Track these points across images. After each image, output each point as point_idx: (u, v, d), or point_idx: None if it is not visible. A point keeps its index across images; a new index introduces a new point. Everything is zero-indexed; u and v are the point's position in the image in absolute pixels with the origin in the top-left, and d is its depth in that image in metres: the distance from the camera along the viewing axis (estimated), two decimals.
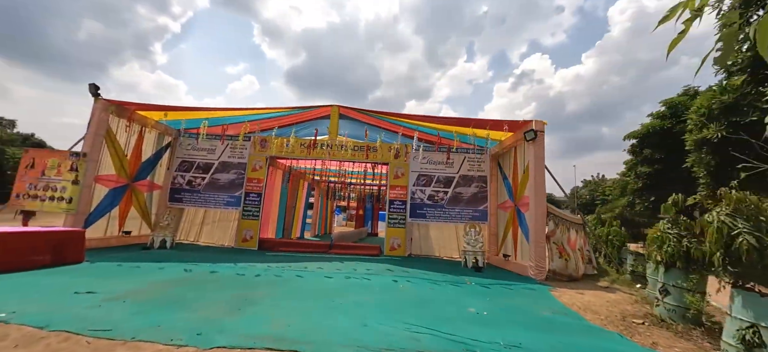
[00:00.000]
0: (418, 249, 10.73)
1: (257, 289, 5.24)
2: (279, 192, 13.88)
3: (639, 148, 11.91)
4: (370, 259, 9.31)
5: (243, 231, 10.61)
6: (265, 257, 8.86)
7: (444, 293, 5.62)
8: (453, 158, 10.79)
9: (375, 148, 10.89)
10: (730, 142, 6.24)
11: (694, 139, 5.70)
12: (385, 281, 6.21)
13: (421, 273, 7.38)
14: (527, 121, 8.21)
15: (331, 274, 6.72)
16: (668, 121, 11.05)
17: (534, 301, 5.39)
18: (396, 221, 10.54)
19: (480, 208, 10.59)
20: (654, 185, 11.30)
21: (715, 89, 6.85)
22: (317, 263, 8.13)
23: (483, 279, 7.07)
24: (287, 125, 11.32)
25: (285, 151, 11.07)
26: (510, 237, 9.36)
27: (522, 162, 8.82)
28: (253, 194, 10.88)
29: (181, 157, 11.17)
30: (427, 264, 8.89)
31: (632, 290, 6.70)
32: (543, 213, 7.56)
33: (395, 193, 10.70)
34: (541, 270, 7.31)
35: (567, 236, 7.90)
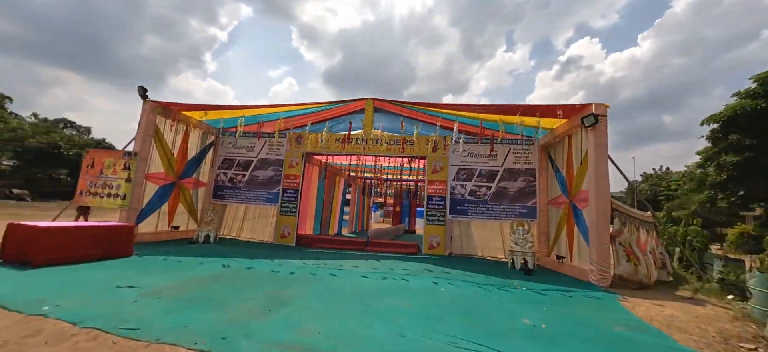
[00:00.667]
0: (458, 248, 10.07)
1: (290, 287, 5.02)
2: (316, 188, 13.90)
3: (722, 134, 10.14)
4: (408, 258, 8.85)
5: (281, 227, 10.67)
6: (302, 253, 8.77)
7: (491, 298, 5.00)
8: (497, 150, 9.95)
9: (412, 141, 10.38)
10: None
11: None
12: (424, 283, 5.73)
13: (464, 275, 6.78)
14: (585, 104, 7.22)
15: (366, 273, 6.37)
16: (762, 101, 9.24)
17: (601, 312, 4.59)
18: (435, 218, 9.96)
19: (528, 204, 9.65)
20: (742, 176, 9.55)
21: None
22: (353, 260, 7.84)
23: (535, 283, 6.30)
24: (322, 121, 11.19)
25: (320, 146, 10.95)
26: (564, 237, 8.38)
27: (578, 152, 7.81)
28: (290, 190, 10.91)
29: (223, 155, 11.50)
30: (469, 265, 8.24)
31: (725, 303, 5.56)
32: (606, 209, 6.58)
33: (434, 188, 10.11)
34: (606, 276, 6.36)
35: (636, 236, 6.82)
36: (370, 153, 10.85)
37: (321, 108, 10.76)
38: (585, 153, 7.35)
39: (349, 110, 10.91)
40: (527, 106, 7.93)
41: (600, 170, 6.73)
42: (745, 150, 9.31)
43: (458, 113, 8.88)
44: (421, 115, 9.52)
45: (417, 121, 9.36)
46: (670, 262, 7.60)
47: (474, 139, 10.11)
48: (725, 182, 9.94)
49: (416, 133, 9.32)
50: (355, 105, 10.79)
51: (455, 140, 9.54)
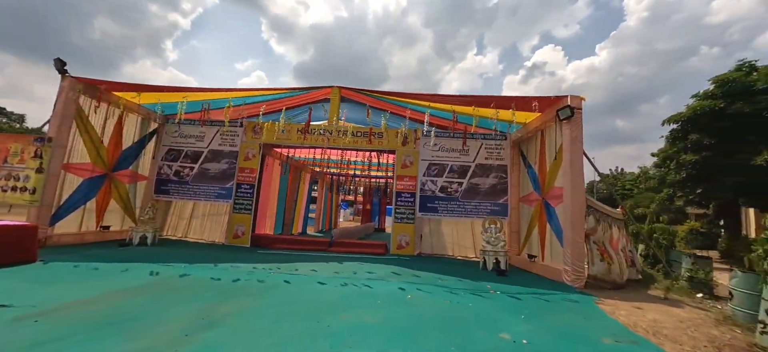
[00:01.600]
0: (428, 247, 9.54)
1: (229, 300, 4.14)
2: (277, 184, 12.83)
3: (682, 134, 10.42)
4: (375, 259, 8.16)
5: (234, 226, 9.57)
6: (256, 255, 7.79)
7: (465, 307, 4.42)
8: (469, 145, 9.52)
9: (380, 133, 9.69)
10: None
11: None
12: (390, 290, 5.05)
13: (434, 278, 6.19)
14: (560, 96, 6.90)
15: (325, 279, 5.58)
16: (720, 101, 9.53)
17: (584, 319, 4.16)
18: (404, 215, 9.35)
19: (499, 201, 9.32)
20: (701, 175, 9.84)
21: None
22: (313, 263, 7.01)
23: (509, 286, 5.85)
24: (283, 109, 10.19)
25: (280, 137, 9.96)
26: (535, 235, 8.09)
27: (551, 147, 7.51)
28: (245, 185, 9.82)
29: (168, 145, 10.16)
30: (439, 265, 7.70)
31: (699, 303, 5.40)
32: (582, 206, 6.27)
33: (403, 184, 9.50)
34: (580, 276, 6.04)
35: (609, 234, 6.60)
36: (335, 146, 10.02)
37: (282, 95, 9.75)
38: (559, 148, 7.04)
39: (314, 98, 10.00)
40: (501, 98, 7.50)
41: (575, 165, 6.42)
42: (703, 149, 9.56)
43: (430, 104, 8.31)
44: (390, 106, 8.84)
45: (385, 111, 8.65)
46: (638, 260, 7.51)
47: (446, 133, 9.62)
48: (684, 180, 10.22)
49: (384, 125, 8.60)
50: (320, 93, 9.89)
51: (426, 133, 8.96)
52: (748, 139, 8.87)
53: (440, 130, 9.58)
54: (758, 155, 8.46)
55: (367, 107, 8.51)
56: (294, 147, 10.75)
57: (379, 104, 9.04)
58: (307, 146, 10.29)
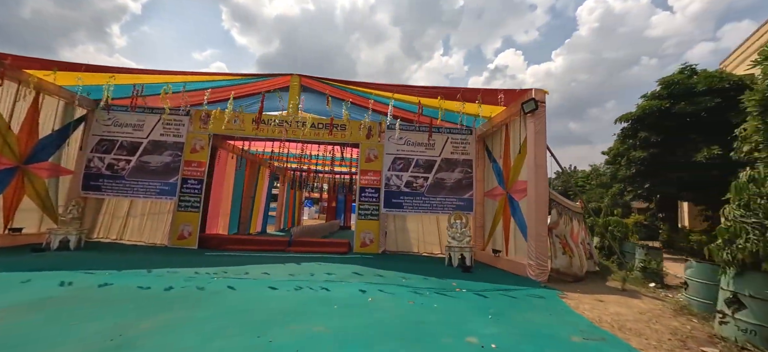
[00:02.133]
0: (393, 245, 9.21)
1: (155, 314, 3.47)
2: (232, 180, 11.86)
3: (632, 132, 11.01)
4: (336, 258, 7.67)
5: (179, 226, 8.59)
6: (202, 258, 6.98)
7: (430, 309, 4.10)
8: (435, 139, 9.30)
9: (343, 125, 9.18)
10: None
11: (758, 99, 4.39)
12: (350, 293, 4.60)
13: (398, 277, 5.84)
14: (525, 89, 6.83)
15: (278, 283, 5.01)
16: (666, 101, 10.15)
17: (550, 316, 3.99)
18: (368, 212, 8.93)
19: (465, 196, 9.21)
20: (648, 171, 10.44)
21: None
22: (267, 265, 6.38)
23: (474, 283, 5.64)
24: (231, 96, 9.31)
25: (232, 128, 9.10)
26: (500, 230, 8.04)
27: (516, 141, 7.46)
28: (192, 180, 8.86)
29: (100, 135, 8.91)
30: (404, 263, 7.38)
31: (653, 293, 5.53)
32: (545, 200, 6.23)
33: (367, 179, 9.07)
34: (544, 270, 6.00)
35: (570, 227, 6.65)
36: (294, 138, 9.34)
37: (235, 81, 8.89)
38: (523, 141, 6.99)
39: (271, 87, 9.24)
40: (468, 90, 7.31)
41: (539, 158, 6.36)
42: (651, 146, 10.13)
43: (394, 95, 7.93)
44: (352, 96, 8.35)
45: (346, 101, 8.13)
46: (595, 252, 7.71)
47: (412, 127, 9.32)
48: (634, 175, 10.80)
49: (346, 116, 8.09)
50: (277, 81, 9.16)
51: (389, 125, 8.59)
52: (689, 137, 9.52)
53: (406, 124, 9.27)
54: (699, 152, 9.09)
55: (327, 96, 7.95)
56: (249, 139, 9.93)
57: (340, 94, 8.52)
58: (263, 138, 9.52)
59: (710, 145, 8.91)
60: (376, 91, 7.76)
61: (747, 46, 10.94)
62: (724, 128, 9.34)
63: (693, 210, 14.66)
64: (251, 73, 8.90)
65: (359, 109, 8.58)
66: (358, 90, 8.16)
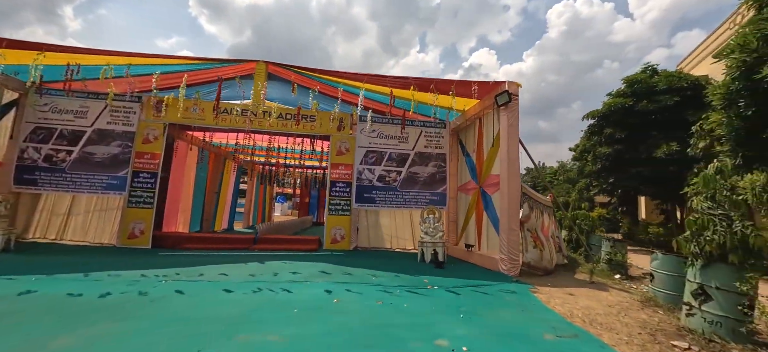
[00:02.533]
0: (366, 241, 8.92)
1: (81, 326, 2.97)
2: (193, 174, 11.06)
3: (598, 129, 11.35)
4: (305, 256, 7.27)
5: (130, 224, 7.83)
6: (154, 259, 6.34)
7: (399, 309, 3.84)
8: (408, 132, 9.07)
9: (312, 117, 8.73)
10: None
11: (723, 93, 4.47)
12: (314, 295, 4.26)
13: (368, 275, 5.56)
14: (499, 82, 6.73)
15: (235, 285, 4.57)
16: (629, 99, 10.52)
17: (523, 313, 3.86)
18: (339, 207, 8.57)
19: (438, 190, 9.07)
20: (613, 166, 10.81)
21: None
22: (226, 266, 5.88)
23: (447, 279, 5.47)
24: (196, 84, 8.61)
25: (190, 117, 8.40)
26: (473, 224, 7.97)
27: (489, 135, 7.38)
28: (144, 173, 8.09)
29: (35, 122, 7.92)
30: (376, 260, 7.12)
31: (619, 285, 5.61)
32: (517, 194, 6.17)
33: (338, 173, 8.70)
34: (515, 264, 5.94)
35: (541, 221, 6.65)
36: (259, 130, 8.77)
37: (192, 67, 8.19)
38: (497, 135, 6.90)
39: (235, 73, 8.60)
40: (441, 81, 7.12)
41: (512, 152, 6.28)
42: (615, 143, 10.47)
43: (365, 86, 7.59)
44: (320, 85, 7.93)
45: (313, 90, 7.69)
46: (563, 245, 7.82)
47: (385, 119, 9.03)
48: (599, 171, 11.17)
49: (314, 105, 7.64)
50: (241, 68, 8.56)
51: (361, 116, 8.26)
52: (650, 134, 9.94)
53: (378, 116, 8.97)
54: (658, 148, 9.49)
55: (293, 83, 7.48)
56: (209, 129, 9.21)
57: (308, 83, 8.07)
58: (225, 129, 8.85)
59: (669, 142, 9.33)
60: (345, 81, 7.38)
61: (700, 50, 11.58)
62: (682, 126, 9.81)
63: (649, 204, 15.50)
64: (211, 57, 8.22)
65: (328, 100, 8.19)
66: (326, 79, 7.75)
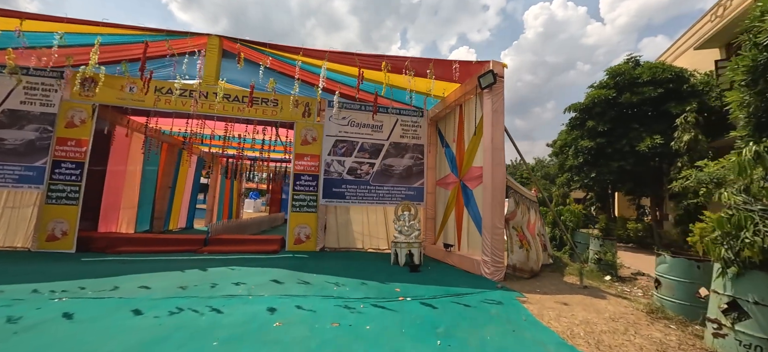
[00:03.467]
0: (334, 241, 8.00)
1: None
2: (140, 165, 9.74)
3: (581, 122, 10.95)
4: (261, 260, 6.28)
5: (49, 224, 6.54)
6: (68, 268, 5.17)
7: (359, 333, 2.99)
8: (382, 120, 8.22)
9: (274, 100, 7.69)
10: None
11: (747, 66, 3.86)
12: (250, 315, 3.33)
13: (329, 283, 4.67)
14: (482, 62, 5.98)
15: (151, 303, 3.55)
16: (612, 91, 10.13)
17: (513, 332, 3.11)
18: (304, 203, 7.61)
19: (415, 185, 8.28)
20: (595, 160, 10.43)
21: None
22: (156, 275, 4.82)
23: (422, 286, 4.68)
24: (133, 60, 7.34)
25: (126, 97, 7.16)
26: (452, 222, 7.24)
27: (470, 122, 6.65)
28: (68, 164, 6.80)
29: None
30: (344, 263, 6.24)
31: (612, 288, 5.02)
32: (501, 187, 5.45)
33: (303, 164, 7.73)
34: (499, 267, 5.23)
35: (527, 217, 5.99)
36: (209, 114, 7.62)
37: (132, 38, 6.93)
38: (479, 121, 6.17)
39: (183, 49, 7.40)
40: (418, 60, 6.28)
41: (496, 140, 5.56)
42: (598, 136, 10.07)
43: (327, 64, 6.61)
44: (274, 62, 6.91)
45: (262, 64, 6.62)
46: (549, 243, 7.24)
47: (357, 105, 8.13)
48: (581, 165, 10.77)
49: (271, 84, 6.58)
50: (191, 42, 7.36)
51: (330, 103, 7.33)
52: (633, 126, 9.61)
53: (349, 101, 8.05)
54: (642, 142, 9.15)
55: (239, 55, 6.40)
56: (145, 112, 7.90)
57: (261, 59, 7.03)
58: (167, 113, 7.62)
59: (653, 135, 9.00)
60: (303, 58, 6.40)
61: (681, 42, 11.44)
62: (664, 119, 9.51)
63: (622, 200, 15.43)
64: (156, 28, 6.99)
65: (286, 80, 7.18)
66: (281, 55, 6.73)
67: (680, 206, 8.89)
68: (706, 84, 9.45)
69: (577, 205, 16.32)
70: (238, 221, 10.09)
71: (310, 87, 7.36)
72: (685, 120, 8.57)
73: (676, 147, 8.60)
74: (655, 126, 9.49)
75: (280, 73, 7.61)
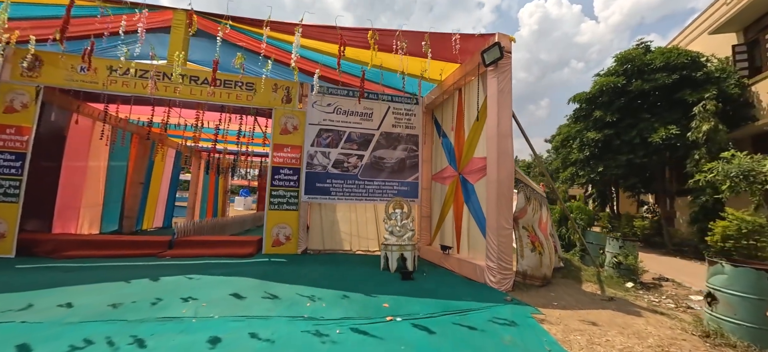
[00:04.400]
0: (318, 242, 7.16)
1: None
2: (105, 159, 8.79)
3: (587, 112, 10.20)
4: (231, 265, 5.42)
5: None
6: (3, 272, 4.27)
7: None
8: (372, 107, 7.37)
9: (249, 84, 6.81)
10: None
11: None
12: (182, 347, 2.48)
13: (304, 296, 3.84)
14: (486, 35, 5.16)
15: (53, 333, 2.69)
16: (621, 78, 9.38)
17: None
18: (283, 199, 6.76)
19: (409, 180, 7.46)
20: (602, 153, 9.68)
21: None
22: (90, 287, 3.94)
23: (416, 299, 3.87)
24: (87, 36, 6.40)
25: (75, 78, 6.23)
26: (450, 221, 6.44)
27: (472, 107, 5.83)
28: (6, 155, 5.87)
29: None
30: (325, 269, 5.40)
31: (645, 302, 4.25)
32: (509, 181, 4.65)
33: (282, 156, 6.86)
34: (507, 276, 4.43)
35: (539, 215, 5.19)
36: (170, 98, 6.68)
37: (87, 10, 5.97)
38: (482, 104, 5.36)
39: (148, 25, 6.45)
40: (410, 33, 5.42)
41: (503, 126, 4.74)
42: (606, 127, 9.32)
43: (302, 40, 5.70)
44: (237, 37, 6.03)
45: (218, 35, 5.69)
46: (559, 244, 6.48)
47: (343, 91, 7.27)
48: (587, 158, 10.04)
49: (238, 60, 5.66)
50: (156, 17, 6.44)
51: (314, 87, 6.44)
52: (644, 117, 8.89)
53: (333, 86, 7.20)
54: (655, 133, 8.42)
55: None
56: (96, 97, 6.90)
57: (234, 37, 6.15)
58: (124, 96, 6.65)
59: (667, 125, 8.29)
60: (275, 34, 5.50)
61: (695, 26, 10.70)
62: (677, 107, 8.79)
63: (622, 196, 14.77)
64: None
65: (254, 58, 6.28)
66: (252, 31, 5.84)
67: (696, 203, 8.19)
68: (723, 70, 8.73)
69: (574, 201, 15.59)
70: (215, 220, 9.20)
71: (287, 68, 6.46)
72: (703, 108, 7.84)
73: (694, 137, 7.89)
74: (668, 115, 8.77)
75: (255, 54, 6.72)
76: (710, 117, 7.74)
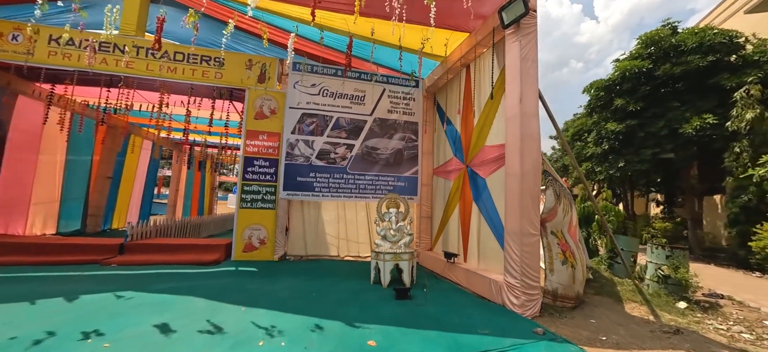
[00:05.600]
0: (300, 247, 6.11)
1: None
2: (62, 151, 7.74)
3: (606, 102, 9.15)
4: (186, 275, 4.38)
5: None
6: None
7: None
8: (365, 89, 6.32)
9: (218, 59, 5.74)
10: None
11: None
12: None
13: (260, 326, 2.80)
14: None
15: None
16: (647, 61, 8.33)
17: None
18: (257, 196, 5.71)
19: (406, 174, 6.42)
20: (623, 146, 8.65)
21: None
22: None
23: (414, 331, 2.84)
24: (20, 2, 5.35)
25: (9, 49, 5.17)
26: (455, 223, 5.40)
27: (483, 85, 4.79)
28: None
29: None
30: (304, 281, 4.36)
31: (723, 335, 3.22)
32: (536, 172, 3.59)
33: (257, 145, 5.80)
34: (532, 297, 3.39)
35: (569, 217, 4.13)
36: (125, 73, 5.62)
37: None
38: (498, 79, 4.31)
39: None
40: None
41: (528, 102, 3.68)
42: (628, 117, 8.29)
43: (276, 8, 4.65)
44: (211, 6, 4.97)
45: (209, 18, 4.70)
46: None
47: (331, 70, 6.21)
48: (606, 152, 9.00)
49: (191, 16, 4.59)
50: None
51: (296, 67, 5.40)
52: (671, 105, 7.87)
53: (319, 65, 6.14)
54: (687, 123, 7.40)
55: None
56: (37, 73, 5.82)
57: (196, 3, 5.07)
58: (64, 71, 5.58)
59: (701, 114, 7.27)
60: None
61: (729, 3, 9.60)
62: (711, 93, 7.76)
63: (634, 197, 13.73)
64: None
65: (238, 35, 5.24)
66: None
67: (735, 203, 7.17)
68: (763, 53, 7.69)
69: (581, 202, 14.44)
70: (186, 220, 8.14)
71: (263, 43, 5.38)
72: (746, 94, 6.81)
73: (734, 127, 6.87)
74: (700, 104, 7.74)
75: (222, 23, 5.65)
76: (755, 104, 6.71)
